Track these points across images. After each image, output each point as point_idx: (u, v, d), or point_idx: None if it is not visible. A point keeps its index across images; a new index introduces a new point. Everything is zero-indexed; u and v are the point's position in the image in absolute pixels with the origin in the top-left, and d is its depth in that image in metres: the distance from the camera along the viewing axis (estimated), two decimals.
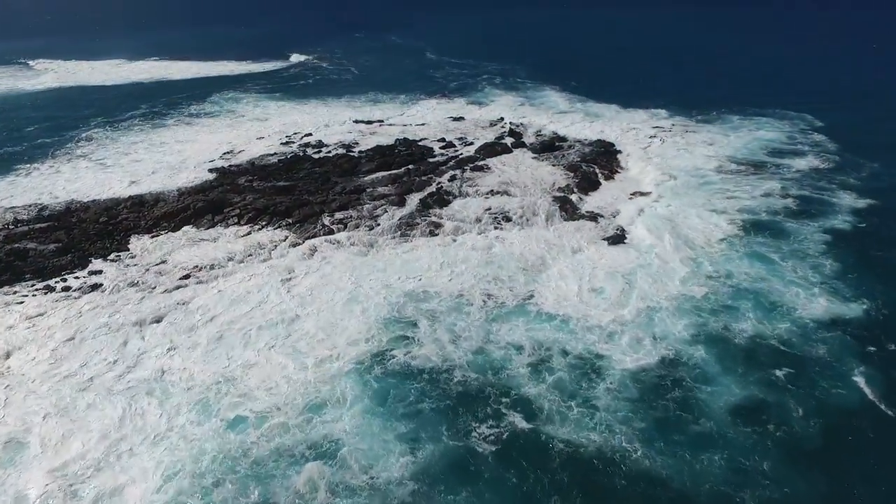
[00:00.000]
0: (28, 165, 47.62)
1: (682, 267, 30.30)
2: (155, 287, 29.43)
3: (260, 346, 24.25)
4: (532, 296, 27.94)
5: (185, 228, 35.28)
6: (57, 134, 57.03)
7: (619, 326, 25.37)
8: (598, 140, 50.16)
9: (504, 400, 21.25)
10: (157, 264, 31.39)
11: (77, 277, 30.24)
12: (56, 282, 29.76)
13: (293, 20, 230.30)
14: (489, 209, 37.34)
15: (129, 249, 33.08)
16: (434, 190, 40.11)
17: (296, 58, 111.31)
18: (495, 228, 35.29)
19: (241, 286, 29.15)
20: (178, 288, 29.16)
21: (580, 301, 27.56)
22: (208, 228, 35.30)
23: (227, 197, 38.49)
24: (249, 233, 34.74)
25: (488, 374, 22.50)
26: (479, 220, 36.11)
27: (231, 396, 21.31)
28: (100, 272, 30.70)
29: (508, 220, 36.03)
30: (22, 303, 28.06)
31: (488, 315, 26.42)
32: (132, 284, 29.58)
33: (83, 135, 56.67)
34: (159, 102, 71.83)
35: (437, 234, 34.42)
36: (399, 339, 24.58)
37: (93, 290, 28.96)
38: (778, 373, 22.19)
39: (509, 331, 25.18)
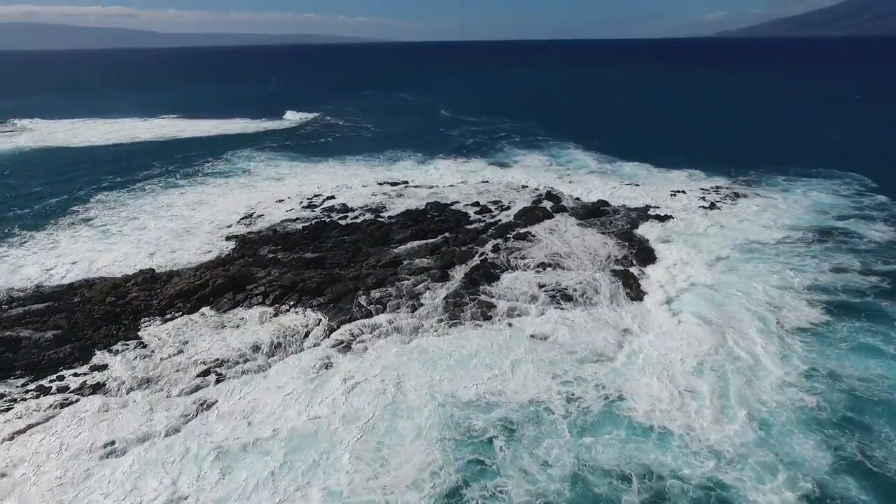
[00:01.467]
0: (24, 233, 43.50)
1: (772, 361, 25.92)
2: (168, 386, 24.89)
3: (290, 481, 19.30)
4: (621, 397, 23.55)
5: (203, 309, 30.98)
6: (57, 197, 53.22)
7: (735, 446, 20.77)
8: (646, 205, 46.74)
9: None
10: (171, 357, 26.90)
11: (77, 374, 25.65)
12: (51, 381, 25.16)
13: (301, 78, 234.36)
14: (544, 286, 33.24)
15: (138, 336, 28.64)
16: (478, 262, 36.11)
17: (308, 115, 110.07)
18: (555, 308, 31.11)
19: (269, 389, 24.56)
20: (196, 389, 24.58)
21: (676, 407, 23.09)
22: (229, 309, 31.01)
23: (250, 271, 34.38)
24: (276, 314, 30.46)
25: None
26: (534, 299, 31.97)
27: None
28: (104, 367, 26.16)
29: (569, 298, 31.90)
30: (9, 409, 23.38)
31: (573, 425, 21.93)
32: (142, 383, 25.01)
33: (89, 198, 52.88)
34: (170, 161, 68.74)
35: (490, 317, 30.17)
36: (472, 465, 19.86)
37: (95, 392, 24.34)
38: None
39: (605, 449, 20.62)
